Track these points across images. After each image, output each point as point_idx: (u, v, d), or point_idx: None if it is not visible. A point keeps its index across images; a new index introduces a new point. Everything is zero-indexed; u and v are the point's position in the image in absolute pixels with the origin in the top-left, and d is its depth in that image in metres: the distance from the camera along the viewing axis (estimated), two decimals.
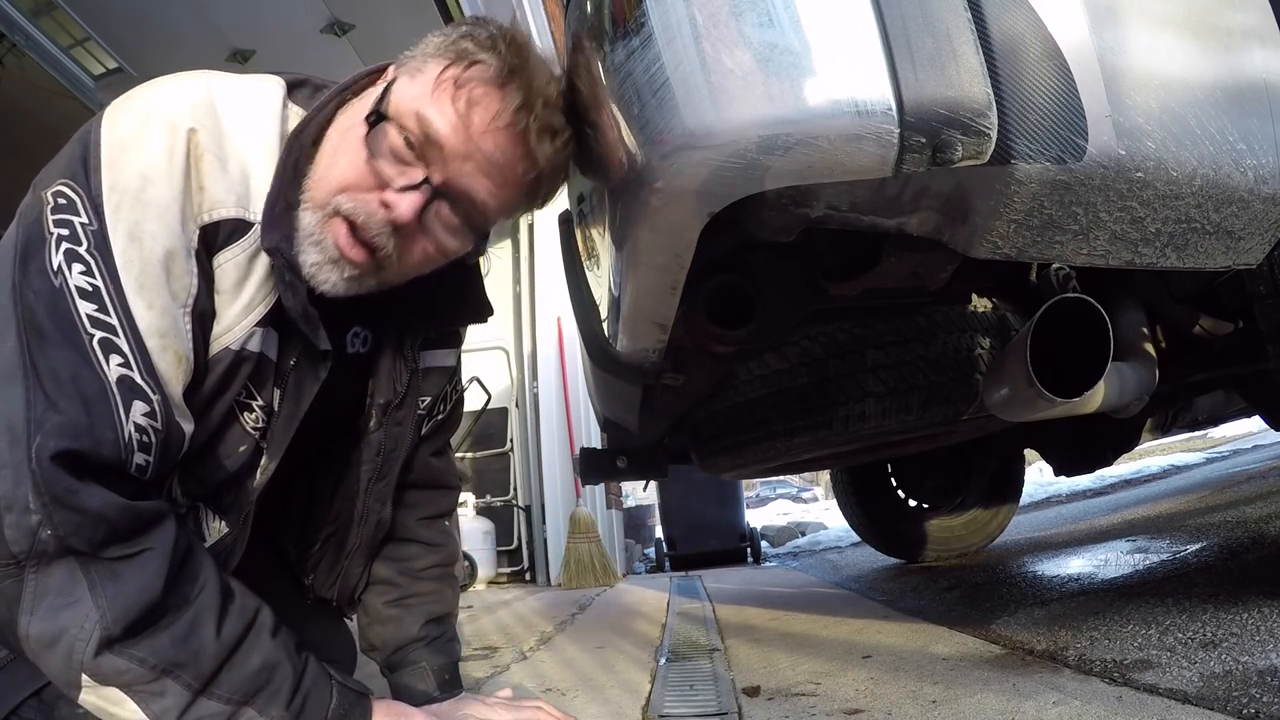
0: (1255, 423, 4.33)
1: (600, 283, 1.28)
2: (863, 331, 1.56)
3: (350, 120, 0.87)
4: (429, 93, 0.84)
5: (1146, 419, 2.32)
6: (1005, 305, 1.60)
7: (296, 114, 0.88)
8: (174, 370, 0.78)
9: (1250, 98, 0.88)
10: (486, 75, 0.84)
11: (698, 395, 1.71)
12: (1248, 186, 0.86)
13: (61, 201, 0.75)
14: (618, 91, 0.83)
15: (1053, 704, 0.98)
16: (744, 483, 8.24)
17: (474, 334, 4.85)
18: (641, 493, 8.58)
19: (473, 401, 4.44)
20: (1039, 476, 6.19)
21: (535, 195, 0.93)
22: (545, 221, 4.74)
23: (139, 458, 0.74)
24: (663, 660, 1.68)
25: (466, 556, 4.14)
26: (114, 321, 0.73)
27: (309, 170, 0.85)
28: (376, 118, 0.83)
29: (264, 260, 0.83)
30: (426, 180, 0.83)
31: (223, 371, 0.83)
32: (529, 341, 4.97)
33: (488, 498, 4.80)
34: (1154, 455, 6.41)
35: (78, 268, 0.73)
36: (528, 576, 4.76)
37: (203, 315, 0.80)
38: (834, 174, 0.80)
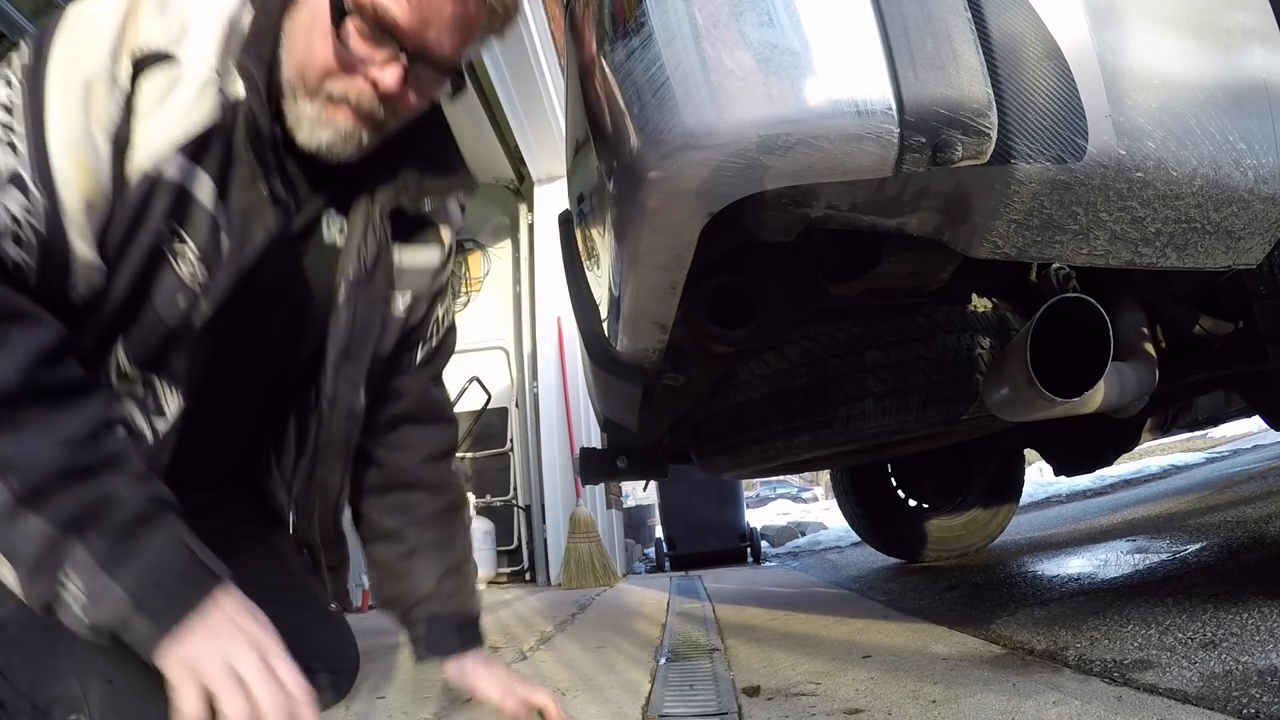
0: (1255, 423, 4.33)
1: (600, 283, 1.28)
2: (863, 331, 1.56)
3: (308, 19, 0.89)
4: None
5: (1146, 419, 2.32)
6: (1005, 305, 1.60)
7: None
8: (76, 177, 0.78)
9: (1250, 97, 0.88)
10: None
11: (698, 395, 1.71)
12: (1248, 186, 0.86)
13: (15, 54, 0.80)
14: (617, 91, 0.83)
15: (1053, 704, 0.98)
16: (744, 482, 8.24)
17: (474, 334, 4.84)
18: (641, 493, 8.58)
19: (473, 401, 4.45)
20: (1039, 476, 6.20)
21: (497, 27, 0.95)
22: (545, 221, 4.74)
23: (11, 249, 0.75)
24: (663, 660, 1.68)
25: None
26: (20, 128, 0.77)
27: (283, 43, 0.89)
28: (339, 14, 0.86)
29: (187, 91, 0.83)
30: (402, 50, 0.87)
31: (139, 198, 0.82)
32: (529, 341, 4.97)
33: (488, 498, 4.80)
34: (1154, 455, 6.42)
35: (3, 90, 0.79)
36: (528, 576, 4.76)
37: (121, 143, 0.81)
38: (834, 174, 0.80)
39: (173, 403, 0.90)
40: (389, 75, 0.87)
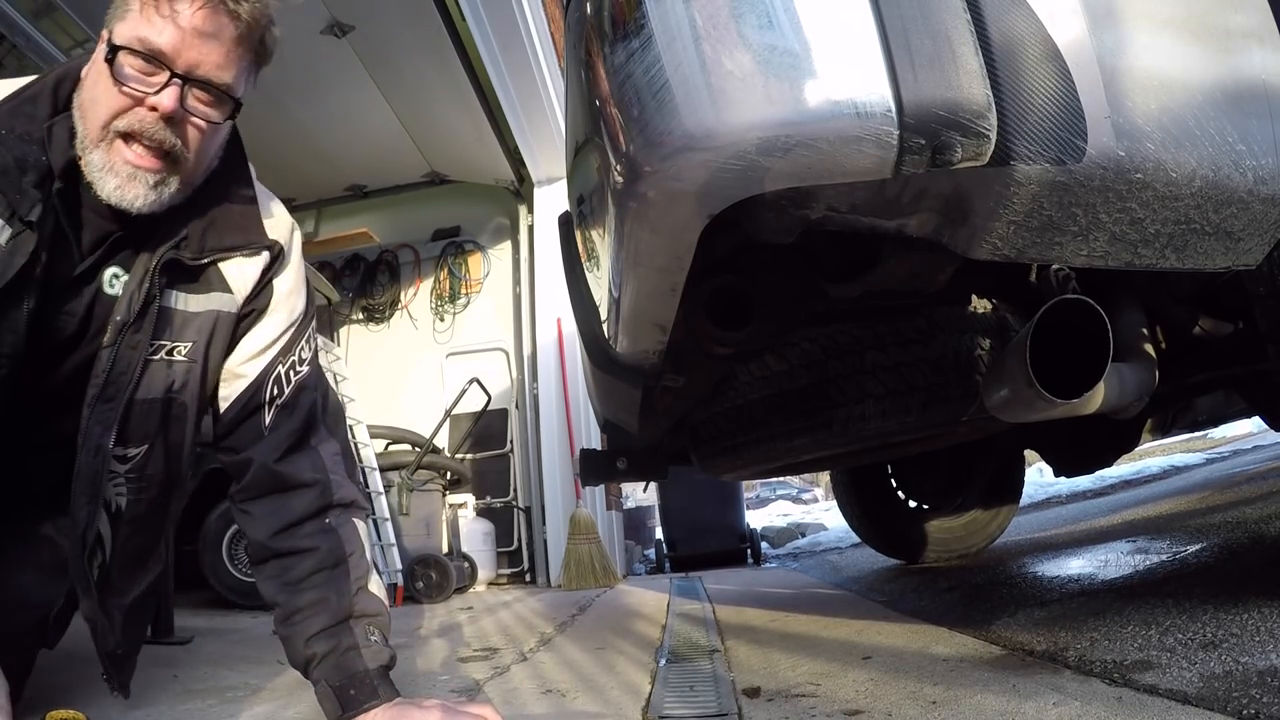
0: (1255, 423, 4.33)
1: (600, 284, 1.29)
2: (862, 333, 1.56)
3: (93, 77, 1.04)
4: (139, 18, 1.01)
5: (1146, 419, 2.32)
6: (1005, 306, 1.60)
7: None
8: None
9: (1249, 98, 0.88)
10: None
11: (698, 396, 1.71)
12: (1247, 187, 0.86)
13: None
14: (617, 93, 0.83)
15: (1053, 704, 0.98)
16: (744, 484, 8.24)
17: (474, 335, 4.82)
18: (641, 494, 8.58)
19: (473, 403, 4.45)
20: (1039, 477, 6.19)
21: (257, 46, 1.09)
22: (545, 223, 4.74)
23: None
24: (663, 661, 1.68)
25: (466, 557, 4.14)
26: None
27: (76, 108, 1.05)
28: (112, 53, 1.00)
29: None
30: (172, 75, 1.01)
31: None
32: (529, 342, 4.97)
33: (488, 499, 4.80)
34: (1154, 455, 6.41)
35: None
36: (528, 578, 4.76)
37: None
38: (833, 175, 0.80)
39: None
40: (166, 96, 1.00)
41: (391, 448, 4.36)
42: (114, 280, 1.10)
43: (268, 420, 1.18)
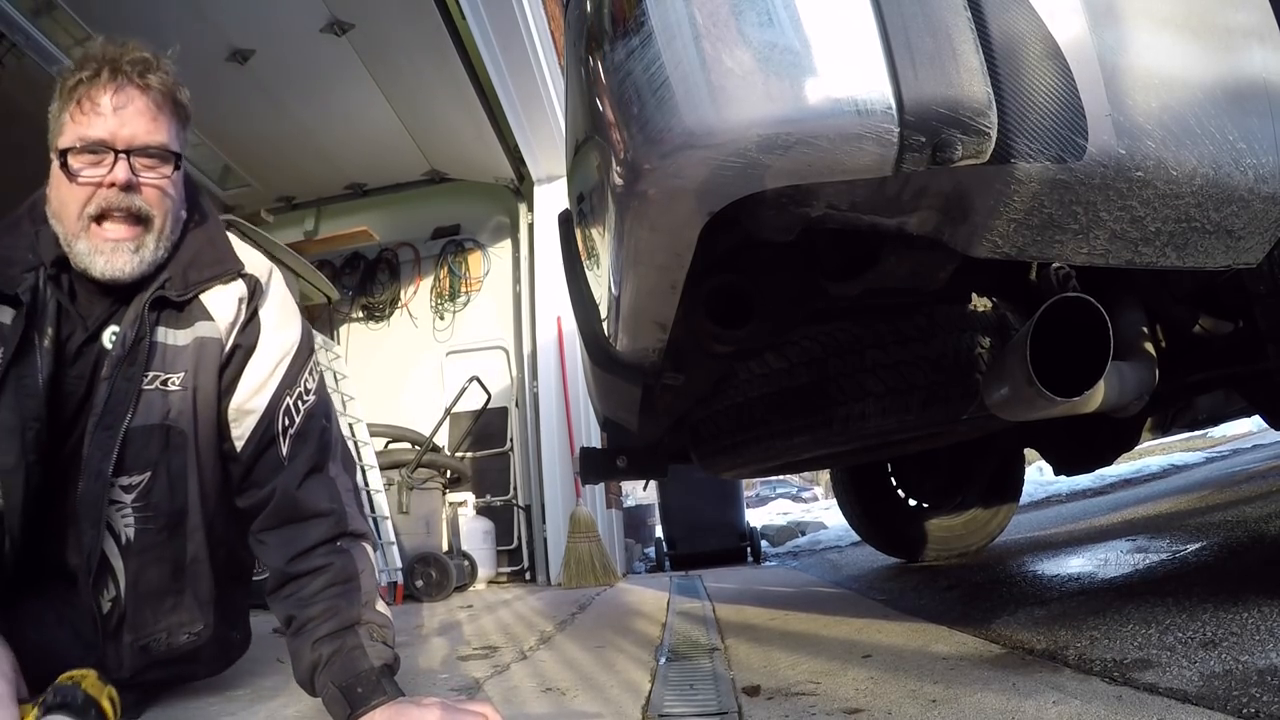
0: (1255, 422, 4.34)
1: (600, 282, 1.29)
2: (862, 331, 1.56)
3: (54, 186, 1.21)
4: (72, 125, 1.18)
5: (1146, 418, 2.32)
6: (1005, 304, 1.60)
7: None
8: None
9: (1250, 97, 0.88)
10: (86, 79, 1.18)
11: (697, 395, 1.71)
12: (1248, 186, 0.86)
13: None
14: (617, 91, 0.83)
15: (1053, 703, 0.98)
16: (744, 482, 8.24)
17: (474, 334, 4.82)
18: (641, 492, 8.59)
19: (473, 401, 4.45)
20: (1039, 476, 6.19)
21: (173, 105, 1.24)
22: (545, 221, 4.73)
23: None
24: (663, 659, 1.68)
25: (466, 556, 4.14)
26: None
27: (51, 218, 1.20)
28: (63, 158, 1.17)
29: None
30: (116, 153, 1.17)
31: None
32: (529, 341, 4.97)
33: (488, 497, 4.79)
34: (1154, 455, 6.41)
35: None
36: (528, 576, 4.76)
37: None
38: (834, 173, 0.80)
39: None
40: (119, 171, 1.17)
41: (391, 446, 4.36)
42: (112, 337, 1.22)
43: (285, 450, 1.26)
